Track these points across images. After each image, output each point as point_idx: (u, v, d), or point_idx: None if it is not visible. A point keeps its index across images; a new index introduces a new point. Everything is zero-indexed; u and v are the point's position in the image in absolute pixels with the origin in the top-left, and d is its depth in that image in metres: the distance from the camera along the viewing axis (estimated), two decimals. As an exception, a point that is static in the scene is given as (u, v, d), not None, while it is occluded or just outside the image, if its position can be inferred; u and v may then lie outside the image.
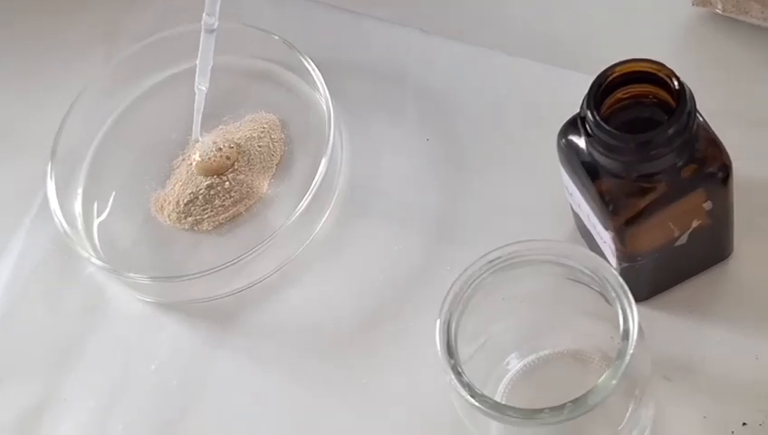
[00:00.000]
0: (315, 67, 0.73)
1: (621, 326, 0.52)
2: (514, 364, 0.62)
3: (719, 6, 0.70)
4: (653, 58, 0.56)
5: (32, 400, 0.68)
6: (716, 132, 0.57)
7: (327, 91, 0.72)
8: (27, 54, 0.83)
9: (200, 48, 0.69)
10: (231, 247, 0.70)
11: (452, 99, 0.74)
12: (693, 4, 0.72)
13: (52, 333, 0.71)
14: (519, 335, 0.62)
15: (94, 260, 0.70)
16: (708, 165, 0.57)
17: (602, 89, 0.56)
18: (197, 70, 0.70)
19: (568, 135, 0.59)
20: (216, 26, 0.68)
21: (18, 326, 0.72)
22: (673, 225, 0.59)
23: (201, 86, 0.71)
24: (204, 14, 0.67)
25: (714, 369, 0.61)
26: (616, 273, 0.54)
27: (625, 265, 0.60)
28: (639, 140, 0.54)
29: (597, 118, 0.54)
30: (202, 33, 0.68)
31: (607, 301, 0.53)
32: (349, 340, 0.67)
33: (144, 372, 0.68)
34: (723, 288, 0.63)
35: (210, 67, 0.70)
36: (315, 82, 0.73)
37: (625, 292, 0.53)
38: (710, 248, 0.63)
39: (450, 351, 0.53)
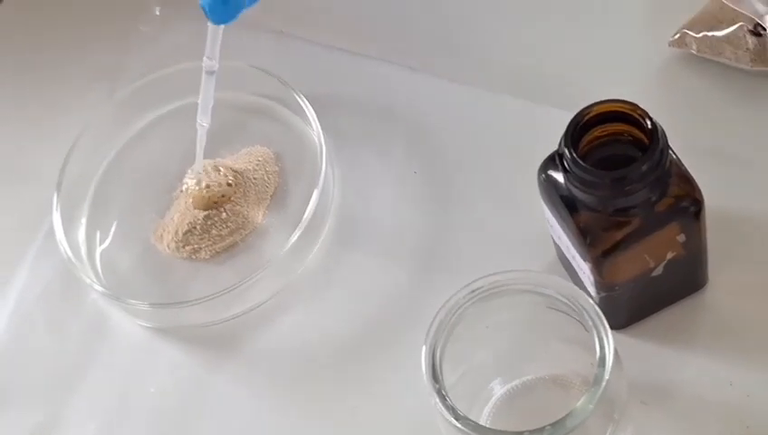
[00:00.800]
0: (308, 103, 0.74)
1: (598, 353, 0.53)
2: (498, 389, 0.63)
3: (694, 47, 0.72)
4: (631, 95, 0.57)
5: (37, 422, 0.69)
6: (690, 168, 0.58)
7: (319, 126, 0.73)
8: (34, 89, 0.84)
9: (201, 89, 0.70)
10: (227, 275, 0.71)
11: (438, 133, 0.74)
12: (669, 45, 0.73)
13: (56, 356, 0.72)
14: (502, 361, 0.62)
15: (96, 287, 0.71)
16: (681, 199, 0.58)
17: (579, 127, 0.56)
18: (199, 109, 0.71)
19: (547, 170, 0.60)
20: (216, 68, 0.69)
21: (24, 350, 0.73)
22: (648, 256, 0.59)
23: (203, 123, 0.71)
24: (204, 57, 0.68)
25: (689, 394, 0.62)
26: (593, 302, 0.54)
27: (603, 294, 0.61)
28: (614, 176, 0.55)
29: (574, 155, 0.55)
30: (203, 75, 0.69)
31: (585, 328, 0.54)
32: (339, 365, 0.68)
33: (144, 394, 0.69)
34: (698, 317, 0.64)
35: (211, 106, 0.71)
36: (308, 117, 0.73)
37: (601, 320, 0.54)
38: (685, 279, 0.63)
39: (435, 376, 0.54)
